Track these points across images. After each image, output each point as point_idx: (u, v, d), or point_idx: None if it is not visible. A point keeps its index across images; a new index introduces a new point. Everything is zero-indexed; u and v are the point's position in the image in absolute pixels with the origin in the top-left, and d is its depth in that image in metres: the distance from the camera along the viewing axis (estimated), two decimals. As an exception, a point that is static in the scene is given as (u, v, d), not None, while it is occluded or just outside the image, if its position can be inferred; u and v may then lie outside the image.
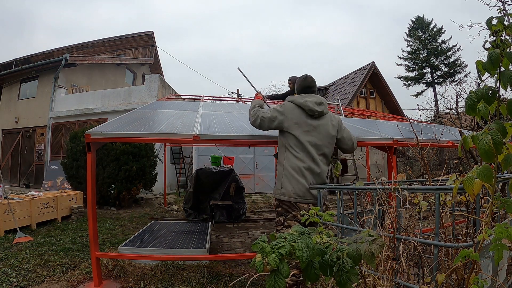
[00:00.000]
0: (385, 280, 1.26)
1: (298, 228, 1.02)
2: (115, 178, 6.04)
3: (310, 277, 0.90)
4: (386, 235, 1.36)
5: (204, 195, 5.39)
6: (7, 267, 2.72)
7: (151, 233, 3.55)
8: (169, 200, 7.34)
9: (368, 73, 12.58)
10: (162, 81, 9.55)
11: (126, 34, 13.51)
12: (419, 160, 2.04)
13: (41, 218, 4.43)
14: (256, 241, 0.94)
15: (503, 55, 0.96)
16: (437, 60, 22.89)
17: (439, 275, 1.13)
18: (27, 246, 3.39)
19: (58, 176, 8.40)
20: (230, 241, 4.01)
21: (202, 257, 2.80)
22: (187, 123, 3.10)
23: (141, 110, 4.14)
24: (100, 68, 12.15)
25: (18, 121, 10.78)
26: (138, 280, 2.47)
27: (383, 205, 1.50)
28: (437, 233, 1.25)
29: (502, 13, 1.05)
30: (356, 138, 2.46)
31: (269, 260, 0.85)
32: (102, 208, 6.08)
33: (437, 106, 9.98)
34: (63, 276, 2.57)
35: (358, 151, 8.52)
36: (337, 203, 1.89)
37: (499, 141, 0.92)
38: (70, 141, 6.61)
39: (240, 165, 9.35)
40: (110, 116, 8.44)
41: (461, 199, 1.58)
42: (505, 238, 0.94)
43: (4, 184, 4.67)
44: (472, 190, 0.99)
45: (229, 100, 8.77)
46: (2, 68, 11.02)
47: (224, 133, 2.71)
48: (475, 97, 1.00)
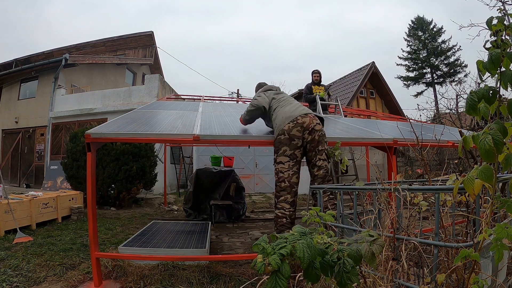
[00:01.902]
0: (385, 280, 1.26)
1: (299, 228, 1.02)
2: (115, 178, 6.04)
3: (311, 277, 0.90)
4: (386, 235, 1.36)
5: (204, 195, 5.38)
6: (7, 267, 2.71)
7: (151, 233, 3.55)
8: (169, 200, 7.34)
9: (368, 73, 12.58)
10: (162, 81, 9.55)
11: (126, 34, 13.51)
12: (419, 160, 2.04)
13: (41, 218, 4.43)
14: (257, 241, 0.94)
15: (503, 55, 0.96)
16: (437, 60, 22.89)
17: (439, 275, 1.13)
18: (27, 246, 3.39)
19: (58, 176, 8.40)
20: (230, 241, 4.01)
21: (202, 257, 2.80)
22: (187, 123, 3.10)
23: (141, 110, 4.14)
24: (100, 68, 12.14)
25: (18, 121, 10.77)
26: (138, 280, 2.47)
27: (382, 205, 1.51)
28: (437, 233, 1.25)
29: (502, 13, 1.05)
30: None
31: (270, 261, 0.85)
32: (102, 208, 6.07)
33: (437, 106, 9.98)
34: (63, 276, 2.57)
35: (358, 151, 8.53)
36: (337, 203, 1.89)
37: (500, 141, 0.92)
38: (70, 141, 6.61)
39: (240, 165, 9.34)
40: (110, 116, 8.43)
41: (461, 199, 1.58)
42: (505, 238, 0.94)
43: (4, 184, 4.66)
44: (473, 190, 0.99)
45: (229, 100, 8.79)
46: (2, 68, 11.01)
47: (224, 133, 2.71)
48: (475, 97, 1.00)
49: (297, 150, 2.63)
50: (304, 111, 2.75)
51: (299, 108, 2.77)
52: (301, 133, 2.63)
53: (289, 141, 2.61)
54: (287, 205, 2.58)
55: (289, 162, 2.60)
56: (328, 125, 3.74)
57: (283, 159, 2.62)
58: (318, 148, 2.69)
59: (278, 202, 2.61)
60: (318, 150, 2.68)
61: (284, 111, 2.76)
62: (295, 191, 2.63)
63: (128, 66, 13.60)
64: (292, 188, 2.61)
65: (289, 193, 2.59)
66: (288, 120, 2.65)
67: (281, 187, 2.61)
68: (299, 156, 2.65)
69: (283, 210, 2.57)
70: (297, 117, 2.65)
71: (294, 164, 2.61)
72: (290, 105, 2.82)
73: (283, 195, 2.60)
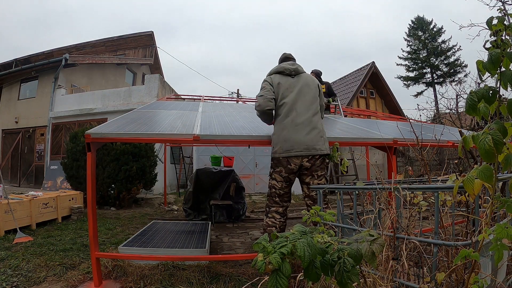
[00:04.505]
0: (385, 279, 1.26)
1: (299, 227, 1.02)
2: (115, 178, 6.04)
3: (311, 276, 0.90)
4: (386, 235, 1.36)
5: (204, 195, 5.38)
6: (7, 267, 2.72)
7: (151, 233, 3.55)
8: (169, 200, 7.34)
9: (368, 73, 12.59)
10: (162, 81, 9.55)
11: (126, 34, 13.51)
12: (419, 160, 2.04)
13: (41, 218, 4.43)
14: (258, 240, 0.94)
15: (503, 55, 0.97)
16: (437, 60, 22.89)
17: (438, 274, 1.13)
18: (27, 246, 3.39)
19: (58, 176, 8.40)
20: (230, 241, 4.01)
21: (202, 257, 2.80)
22: (187, 123, 3.10)
23: (141, 110, 4.14)
24: (100, 68, 12.14)
25: (18, 121, 10.77)
26: (138, 280, 2.47)
27: (382, 205, 1.51)
28: (437, 232, 1.25)
29: (503, 13, 1.05)
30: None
31: (271, 260, 0.85)
32: (102, 208, 6.07)
33: (437, 106, 9.98)
34: (63, 276, 2.57)
35: (358, 151, 8.53)
36: (337, 203, 1.89)
37: (500, 141, 0.92)
38: (70, 141, 6.61)
39: (240, 165, 9.34)
40: (110, 116, 8.43)
41: (461, 199, 1.58)
42: (505, 238, 0.94)
43: (4, 184, 4.66)
44: (473, 190, 0.99)
45: (229, 100, 8.79)
46: (2, 68, 11.01)
47: (224, 133, 2.71)
48: (475, 97, 1.00)
49: (292, 174, 2.49)
50: (303, 151, 2.40)
51: (300, 143, 2.42)
52: (299, 160, 2.45)
53: (286, 164, 2.47)
54: (277, 216, 2.55)
55: (282, 183, 2.52)
56: (328, 125, 3.75)
57: (277, 178, 2.53)
58: (318, 173, 2.49)
59: (269, 211, 2.59)
60: (317, 175, 2.49)
61: (284, 133, 2.46)
62: (286, 206, 2.59)
63: (128, 66, 13.60)
64: (284, 203, 2.57)
65: (281, 206, 2.57)
66: (285, 148, 2.45)
67: (274, 200, 2.58)
68: (293, 180, 2.55)
69: (273, 220, 2.54)
70: (292, 155, 2.42)
71: (287, 186, 2.54)
72: (291, 125, 2.46)
73: (275, 206, 2.58)
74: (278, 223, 2.53)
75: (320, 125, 2.55)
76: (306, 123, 2.48)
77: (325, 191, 2.32)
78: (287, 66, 2.62)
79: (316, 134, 2.48)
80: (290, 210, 6.47)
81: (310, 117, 2.51)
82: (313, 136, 2.46)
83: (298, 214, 5.38)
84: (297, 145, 2.43)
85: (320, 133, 2.51)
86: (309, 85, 2.61)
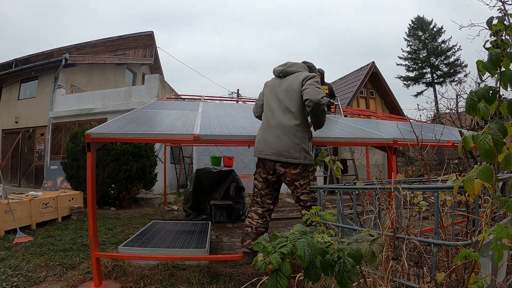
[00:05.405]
0: (385, 279, 1.26)
1: (299, 227, 1.02)
2: (115, 178, 6.04)
3: (311, 276, 0.90)
4: (386, 235, 1.36)
5: (204, 195, 5.38)
6: (7, 267, 2.72)
7: (151, 233, 3.55)
8: (169, 200, 7.34)
9: (368, 73, 12.59)
10: (162, 81, 9.55)
11: (126, 34, 13.51)
12: (419, 160, 2.04)
13: (41, 218, 4.42)
14: (258, 240, 0.94)
15: (503, 55, 0.97)
16: (437, 60, 22.91)
17: (438, 274, 1.13)
18: (27, 246, 3.39)
19: (58, 176, 8.40)
20: (230, 241, 4.01)
21: (202, 257, 2.80)
22: (187, 123, 3.10)
23: (141, 110, 4.14)
24: (100, 68, 12.14)
25: (18, 121, 10.77)
26: (138, 280, 2.47)
27: (383, 205, 1.51)
28: (437, 232, 1.25)
29: (503, 13, 1.05)
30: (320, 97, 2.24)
31: (271, 260, 0.85)
32: (102, 208, 6.07)
33: (437, 106, 9.97)
34: (63, 276, 2.57)
35: (358, 151, 8.53)
36: (337, 203, 1.89)
37: (500, 140, 0.92)
38: (70, 141, 6.61)
39: (240, 165, 9.33)
40: (110, 116, 8.43)
41: (461, 199, 1.59)
42: (505, 238, 0.94)
43: (4, 184, 4.66)
44: (473, 190, 0.99)
45: (229, 100, 8.79)
46: (2, 68, 11.01)
47: (224, 133, 2.71)
48: (475, 97, 1.00)
49: (269, 176, 2.43)
50: (271, 155, 2.30)
51: (269, 146, 2.33)
52: (273, 164, 2.36)
53: (262, 165, 2.44)
54: (255, 216, 2.52)
55: (262, 183, 2.50)
56: (328, 125, 3.74)
57: (258, 178, 2.52)
58: (300, 182, 2.34)
59: (249, 211, 2.59)
60: (299, 184, 2.35)
61: (259, 134, 2.48)
62: (268, 208, 2.54)
63: (128, 66, 13.60)
64: (265, 204, 2.54)
65: (261, 207, 2.54)
66: (258, 149, 2.42)
67: (255, 200, 2.57)
68: (272, 182, 2.48)
69: (251, 220, 2.53)
70: (263, 157, 2.37)
71: (266, 187, 2.50)
72: (265, 127, 2.43)
73: (255, 206, 2.56)
74: (255, 224, 2.50)
75: (299, 132, 2.31)
76: (280, 127, 2.33)
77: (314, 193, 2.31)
78: (276, 68, 2.57)
79: (290, 141, 2.28)
80: (290, 210, 6.48)
81: (284, 121, 2.33)
82: (284, 142, 2.29)
83: (298, 214, 5.38)
84: (267, 147, 2.34)
85: (296, 141, 2.29)
86: (293, 88, 2.38)
